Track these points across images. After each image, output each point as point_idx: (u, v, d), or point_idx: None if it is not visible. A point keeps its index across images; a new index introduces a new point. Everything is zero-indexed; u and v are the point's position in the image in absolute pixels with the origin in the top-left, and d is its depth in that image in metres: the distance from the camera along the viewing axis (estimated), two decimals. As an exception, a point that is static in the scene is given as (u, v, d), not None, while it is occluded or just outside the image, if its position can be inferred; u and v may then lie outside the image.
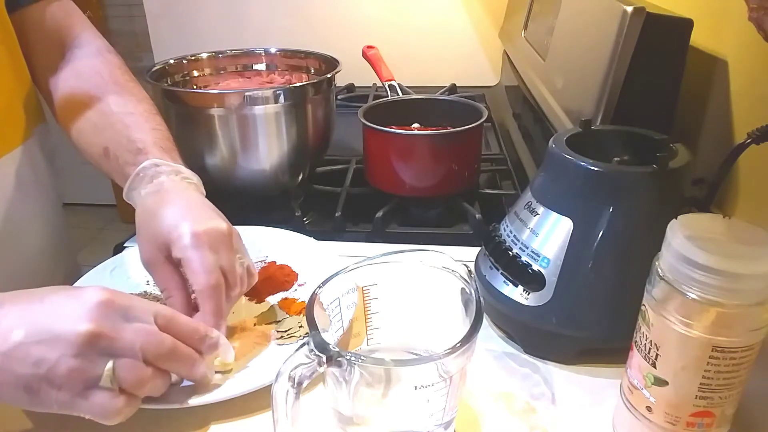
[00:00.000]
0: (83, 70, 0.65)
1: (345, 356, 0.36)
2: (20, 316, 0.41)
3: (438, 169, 0.76)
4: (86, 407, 0.41)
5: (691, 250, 0.36)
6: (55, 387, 0.40)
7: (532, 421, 0.46)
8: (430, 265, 0.44)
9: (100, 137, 0.61)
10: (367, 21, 1.33)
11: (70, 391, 0.40)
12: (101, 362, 0.41)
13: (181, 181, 0.57)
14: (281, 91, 0.74)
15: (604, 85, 0.58)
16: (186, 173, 0.58)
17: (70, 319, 0.40)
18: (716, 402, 0.39)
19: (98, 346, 0.40)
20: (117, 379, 0.41)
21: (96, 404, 0.41)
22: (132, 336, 0.41)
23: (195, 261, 0.49)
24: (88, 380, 0.40)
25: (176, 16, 1.42)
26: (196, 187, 0.58)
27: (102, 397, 0.41)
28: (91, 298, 0.41)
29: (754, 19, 0.40)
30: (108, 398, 0.41)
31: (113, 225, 2.69)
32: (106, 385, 0.41)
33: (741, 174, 0.58)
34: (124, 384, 0.41)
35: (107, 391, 0.41)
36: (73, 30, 0.67)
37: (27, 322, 0.41)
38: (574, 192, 0.50)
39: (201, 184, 0.59)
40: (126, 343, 0.41)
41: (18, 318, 0.41)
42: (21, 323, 0.41)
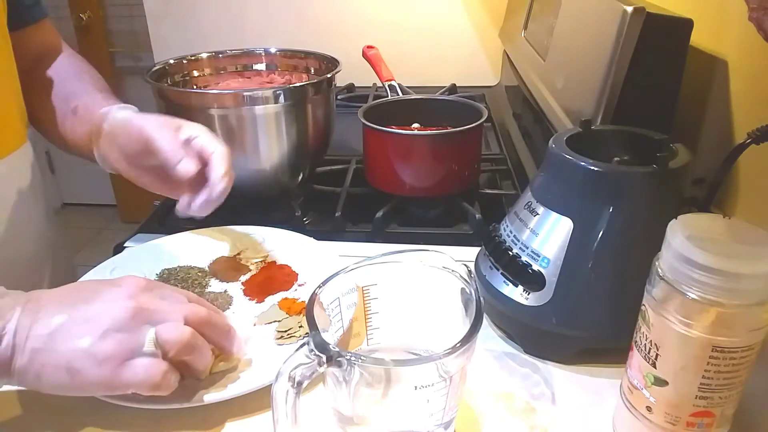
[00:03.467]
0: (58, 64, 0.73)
1: (345, 356, 0.36)
2: (60, 303, 0.43)
3: (438, 169, 0.76)
4: (130, 376, 0.42)
5: (691, 250, 0.36)
6: (98, 362, 0.41)
7: (532, 421, 0.46)
8: (430, 265, 0.44)
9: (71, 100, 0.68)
10: (367, 21, 1.33)
11: (113, 362, 0.41)
12: (143, 332, 0.42)
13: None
14: (281, 91, 0.74)
15: (604, 85, 0.58)
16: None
17: (113, 300, 0.43)
18: (716, 402, 0.39)
19: (140, 318, 0.42)
20: (161, 341, 0.42)
21: (140, 371, 0.42)
22: (171, 307, 0.44)
23: (207, 134, 0.59)
24: (132, 349, 0.42)
25: (176, 16, 1.42)
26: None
27: (145, 363, 0.42)
28: (129, 284, 0.45)
29: (754, 19, 0.40)
30: (152, 363, 0.42)
31: (113, 225, 2.69)
32: (149, 349, 0.42)
33: (741, 174, 0.58)
34: (168, 345, 0.42)
35: (150, 357, 0.42)
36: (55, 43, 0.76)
37: (69, 308, 0.43)
38: (574, 192, 0.50)
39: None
40: (166, 312, 0.44)
41: (58, 305, 0.43)
42: (62, 309, 0.42)
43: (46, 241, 0.73)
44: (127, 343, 0.42)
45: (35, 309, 0.42)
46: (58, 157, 2.72)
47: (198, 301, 0.48)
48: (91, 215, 2.75)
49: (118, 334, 0.41)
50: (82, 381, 0.41)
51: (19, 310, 0.42)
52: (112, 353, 0.41)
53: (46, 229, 0.74)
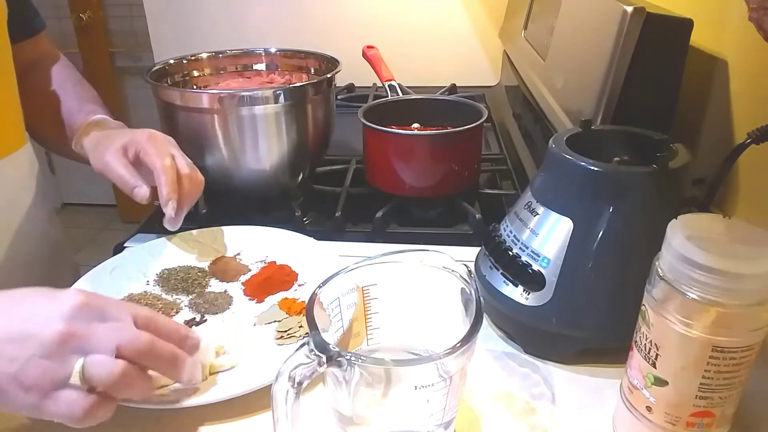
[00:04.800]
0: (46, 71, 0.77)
1: (345, 356, 0.36)
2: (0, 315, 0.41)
3: (438, 169, 0.76)
4: (53, 408, 0.40)
5: (691, 250, 0.36)
6: (24, 388, 0.39)
7: (532, 421, 0.46)
8: (430, 265, 0.44)
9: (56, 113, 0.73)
10: (367, 21, 1.33)
11: (39, 392, 0.39)
12: (72, 361, 0.40)
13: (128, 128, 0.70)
14: (281, 91, 0.74)
15: (604, 85, 0.58)
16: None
17: (44, 320, 0.40)
18: (716, 402, 0.39)
19: (69, 346, 0.40)
20: (87, 376, 0.40)
21: (63, 404, 0.39)
22: (105, 333, 0.41)
23: (151, 149, 0.62)
24: (57, 380, 0.39)
25: (176, 16, 1.42)
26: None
27: (69, 396, 0.40)
28: (67, 300, 0.41)
29: (754, 20, 0.40)
30: (75, 397, 0.40)
31: (113, 225, 2.69)
32: (75, 382, 0.39)
33: (741, 174, 0.58)
34: (94, 380, 0.40)
35: (75, 389, 0.40)
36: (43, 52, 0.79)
37: (3, 322, 0.41)
38: (574, 192, 0.50)
39: None
40: (98, 341, 0.40)
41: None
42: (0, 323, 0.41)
43: (48, 241, 0.74)
44: (53, 374, 0.39)
45: None
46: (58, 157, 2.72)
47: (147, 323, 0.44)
48: (91, 215, 2.75)
49: (44, 362, 0.39)
50: (11, 403, 0.40)
51: None
52: (37, 382, 0.39)
53: (48, 229, 0.74)
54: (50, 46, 0.79)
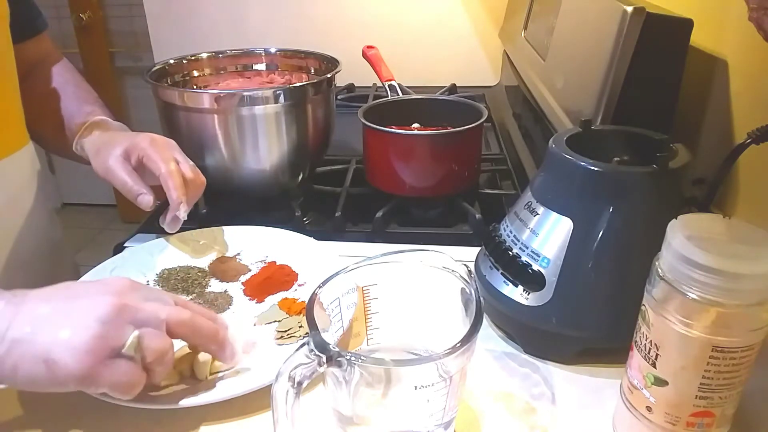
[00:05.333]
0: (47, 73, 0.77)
1: (345, 356, 0.36)
2: (45, 298, 0.43)
3: (438, 169, 0.76)
4: (108, 375, 0.41)
5: (691, 250, 0.36)
6: (78, 354, 0.40)
7: (532, 421, 0.46)
8: (430, 265, 0.44)
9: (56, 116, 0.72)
10: (367, 21, 1.33)
11: (94, 357, 0.40)
12: (126, 331, 0.42)
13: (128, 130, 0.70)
14: (281, 91, 0.74)
15: (604, 85, 0.58)
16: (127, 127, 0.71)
17: (96, 295, 0.43)
18: (716, 402, 0.39)
19: (123, 316, 0.42)
20: (144, 348, 0.42)
21: (118, 373, 0.41)
22: (153, 308, 0.44)
23: (154, 154, 0.63)
24: (114, 347, 0.41)
25: (176, 16, 1.42)
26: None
27: (125, 366, 0.41)
28: (115, 281, 0.45)
29: (754, 20, 0.40)
30: (131, 367, 0.41)
31: (113, 225, 2.69)
32: (130, 352, 0.41)
33: (741, 174, 0.58)
34: (147, 352, 0.42)
35: (129, 360, 0.42)
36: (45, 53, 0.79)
37: (53, 302, 0.42)
38: (574, 192, 0.50)
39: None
40: (150, 314, 0.43)
41: (43, 299, 0.43)
42: (47, 303, 0.42)
43: (48, 241, 0.74)
44: (109, 340, 0.41)
45: (20, 302, 0.42)
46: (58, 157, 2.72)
47: (185, 305, 0.47)
48: (91, 215, 2.75)
49: (101, 329, 0.40)
50: (59, 373, 0.40)
51: (3, 302, 0.41)
52: (93, 348, 0.40)
53: (48, 229, 0.74)
54: (52, 47, 0.79)
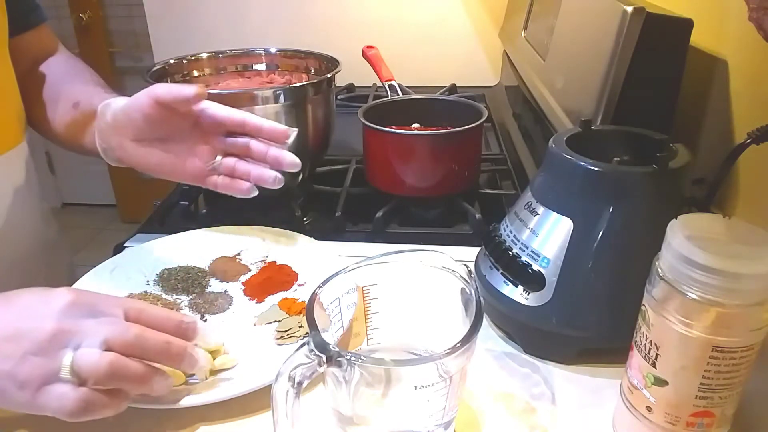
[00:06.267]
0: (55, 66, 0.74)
1: (345, 356, 0.36)
2: None
3: (438, 169, 0.76)
4: (44, 402, 0.40)
5: (691, 250, 0.36)
6: (18, 385, 0.40)
7: (532, 421, 0.46)
8: (430, 265, 0.44)
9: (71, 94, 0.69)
10: (367, 21, 1.33)
11: (31, 387, 0.40)
12: (61, 356, 0.41)
13: None
14: (281, 91, 0.74)
15: (604, 85, 0.58)
16: None
17: (37, 319, 0.42)
18: (716, 402, 0.39)
19: (59, 341, 0.41)
20: (75, 368, 0.40)
21: (53, 397, 0.40)
22: (94, 328, 0.42)
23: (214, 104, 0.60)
24: (47, 375, 0.40)
25: (176, 16, 1.42)
26: None
27: (59, 389, 0.40)
28: (58, 299, 0.43)
29: (754, 20, 0.40)
30: (65, 390, 0.40)
31: (113, 225, 2.69)
32: (65, 375, 0.40)
33: (741, 174, 0.58)
34: (82, 372, 0.40)
35: (66, 383, 0.40)
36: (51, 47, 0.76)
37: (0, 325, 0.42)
38: (574, 192, 0.50)
39: None
40: (87, 336, 0.41)
41: None
42: None
43: (41, 242, 0.73)
44: (44, 368, 0.40)
45: None
46: (58, 157, 2.72)
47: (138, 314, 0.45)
48: (91, 215, 2.75)
49: (36, 358, 0.40)
50: (9, 401, 0.41)
51: None
52: (29, 378, 0.40)
53: (42, 230, 0.74)
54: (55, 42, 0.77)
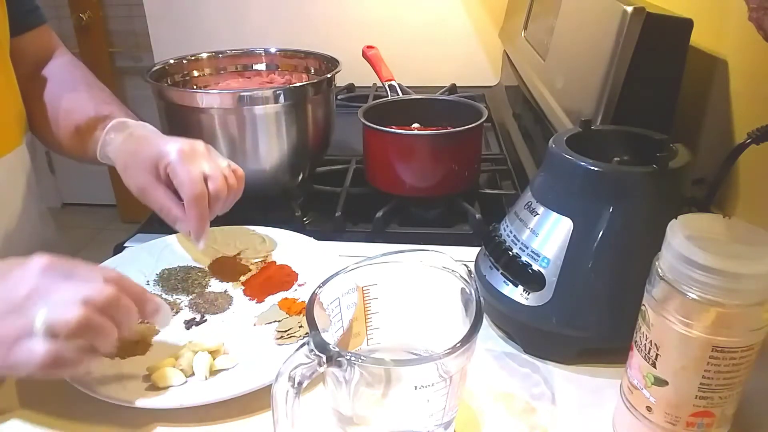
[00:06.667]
0: (55, 74, 0.73)
1: (345, 356, 0.36)
2: None
3: (438, 169, 0.76)
4: (14, 358, 0.41)
5: (691, 250, 0.36)
6: None
7: (532, 421, 0.46)
8: (430, 265, 0.44)
9: (71, 119, 0.68)
10: (367, 21, 1.33)
11: (4, 345, 0.41)
12: (34, 312, 0.41)
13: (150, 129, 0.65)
14: (281, 91, 0.74)
15: (604, 85, 0.58)
16: (150, 126, 0.66)
17: (13, 282, 0.42)
18: (716, 402, 0.39)
19: (34, 300, 0.41)
20: (48, 323, 0.41)
21: (23, 352, 0.41)
22: (70, 287, 0.42)
23: (181, 173, 0.57)
24: (19, 331, 0.41)
25: (176, 16, 1.42)
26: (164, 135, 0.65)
27: (35, 345, 0.41)
28: (34, 263, 0.43)
29: (754, 20, 0.40)
30: (42, 345, 0.40)
31: (113, 225, 2.69)
32: (38, 328, 0.40)
33: (741, 174, 0.58)
34: (56, 325, 0.41)
35: (37, 339, 0.41)
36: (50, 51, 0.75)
37: None
38: (574, 192, 0.50)
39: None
40: (61, 295, 0.42)
41: None
42: None
43: (41, 243, 0.73)
44: (16, 326, 0.41)
45: None
46: (58, 157, 2.71)
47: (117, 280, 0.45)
48: (91, 215, 2.75)
49: (10, 317, 0.41)
50: None
51: None
52: (2, 337, 0.41)
53: (40, 231, 0.73)
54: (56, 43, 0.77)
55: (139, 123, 0.66)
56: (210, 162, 0.59)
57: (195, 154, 0.59)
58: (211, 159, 0.60)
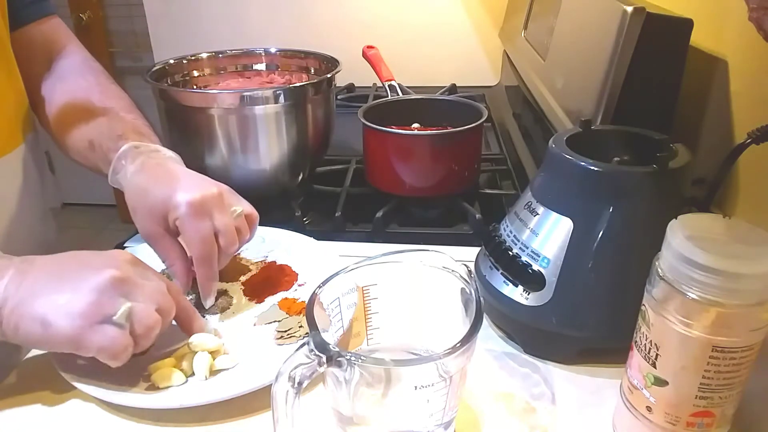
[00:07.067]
0: (69, 78, 0.71)
1: (345, 356, 0.36)
2: (50, 265, 0.47)
3: (438, 169, 0.76)
4: (96, 339, 0.44)
5: (691, 250, 0.36)
6: (71, 317, 0.43)
7: (532, 421, 0.46)
8: (430, 265, 0.44)
9: (85, 132, 0.66)
10: (367, 21, 1.33)
11: (85, 321, 0.43)
12: (119, 302, 0.45)
13: (162, 157, 0.61)
14: (281, 91, 0.74)
15: (604, 85, 0.58)
16: (164, 151, 0.62)
17: (98, 266, 0.46)
18: (716, 402, 0.39)
19: (120, 289, 0.45)
20: (133, 318, 0.45)
21: (106, 337, 0.44)
22: (151, 290, 0.47)
23: (190, 231, 0.55)
24: (104, 314, 0.44)
25: (176, 16, 1.42)
26: (177, 161, 0.62)
27: (113, 332, 0.44)
28: (118, 255, 0.48)
29: (754, 20, 0.40)
30: (118, 334, 0.44)
31: (113, 225, 2.68)
32: (120, 321, 0.44)
33: (741, 174, 0.58)
34: (137, 325, 0.45)
35: (119, 327, 0.44)
36: (60, 43, 0.73)
37: (56, 269, 0.46)
38: (574, 192, 0.50)
39: (181, 160, 0.63)
40: (144, 294, 0.46)
41: (48, 267, 0.47)
42: (51, 270, 0.46)
43: (41, 243, 0.73)
44: (101, 307, 0.44)
45: (26, 269, 0.46)
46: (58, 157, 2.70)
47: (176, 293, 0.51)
48: (91, 215, 2.75)
49: (95, 297, 0.44)
50: (53, 334, 0.44)
51: (13, 269, 0.46)
52: (84, 312, 0.43)
53: (41, 231, 0.73)
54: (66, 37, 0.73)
55: (152, 148, 0.61)
56: (222, 214, 0.55)
57: (206, 207, 0.54)
58: (224, 210, 0.56)
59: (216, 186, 0.57)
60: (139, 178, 0.58)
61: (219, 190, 0.57)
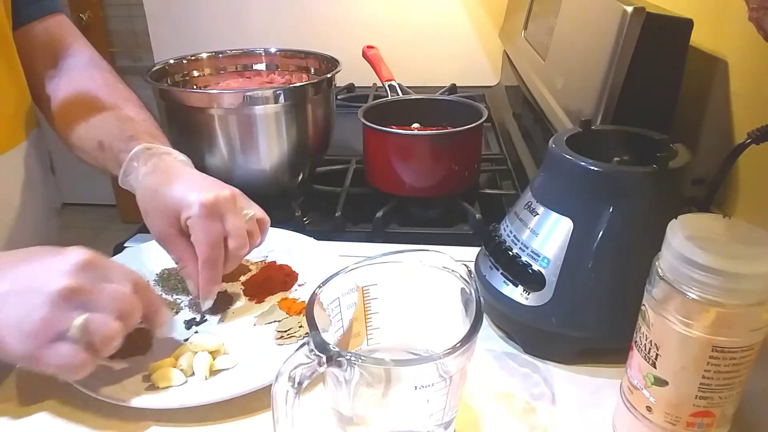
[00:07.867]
0: (76, 76, 0.70)
1: (345, 356, 0.36)
2: (8, 270, 0.44)
3: (438, 169, 0.76)
4: (49, 357, 0.42)
5: (691, 250, 0.36)
6: (24, 336, 0.41)
7: (532, 421, 0.46)
8: (430, 265, 0.44)
9: (94, 132, 0.65)
10: (367, 21, 1.33)
11: (37, 340, 0.41)
12: (73, 315, 0.42)
13: (174, 160, 0.60)
14: (281, 91, 0.74)
15: (604, 85, 0.58)
16: (176, 154, 0.62)
17: (50, 274, 0.43)
18: (716, 402, 0.39)
19: (73, 301, 0.42)
20: (91, 331, 0.42)
21: (59, 355, 0.41)
22: (108, 296, 0.43)
23: (200, 231, 0.53)
24: (57, 331, 0.41)
25: (176, 16, 1.42)
26: (188, 164, 0.62)
27: (68, 350, 0.42)
28: (74, 257, 0.44)
29: (754, 19, 0.40)
30: (71, 350, 0.42)
31: (113, 225, 2.69)
32: (75, 335, 0.42)
33: (741, 174, 0.58)
34: (95, 336, 0.42)
35: (72, 343, 0.42)
36: (66, 41, 0.72)
37: (13, 276, 0.43)
38: (574, 192, 0.50)
39: (191, 163, 0.62)
40: (100, 302, 0.43)
41: (5, 272, 0.44)
42: (8, 277, 0.43)
43: (41, 241, 0.73)
44: (52, 324, 0.41)
45: None
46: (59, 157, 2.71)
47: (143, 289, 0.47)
48: (91, 215, 2.75)
49: (47, 312, 0.41)
50: (9, 351, 0.42)
51: None
52: (35, 331, 0.41)
53: (43, 230, 0.73)
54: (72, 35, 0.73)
55: (163, 150, 0.61)
56: (234, 217, 0.55)
57: (218, 208, 0.54)
58: (236, 212, 0.55)
59: (229, 189, 0.56)
60: (152, 179, 0.58)
61: (232, 193, 0.56)
